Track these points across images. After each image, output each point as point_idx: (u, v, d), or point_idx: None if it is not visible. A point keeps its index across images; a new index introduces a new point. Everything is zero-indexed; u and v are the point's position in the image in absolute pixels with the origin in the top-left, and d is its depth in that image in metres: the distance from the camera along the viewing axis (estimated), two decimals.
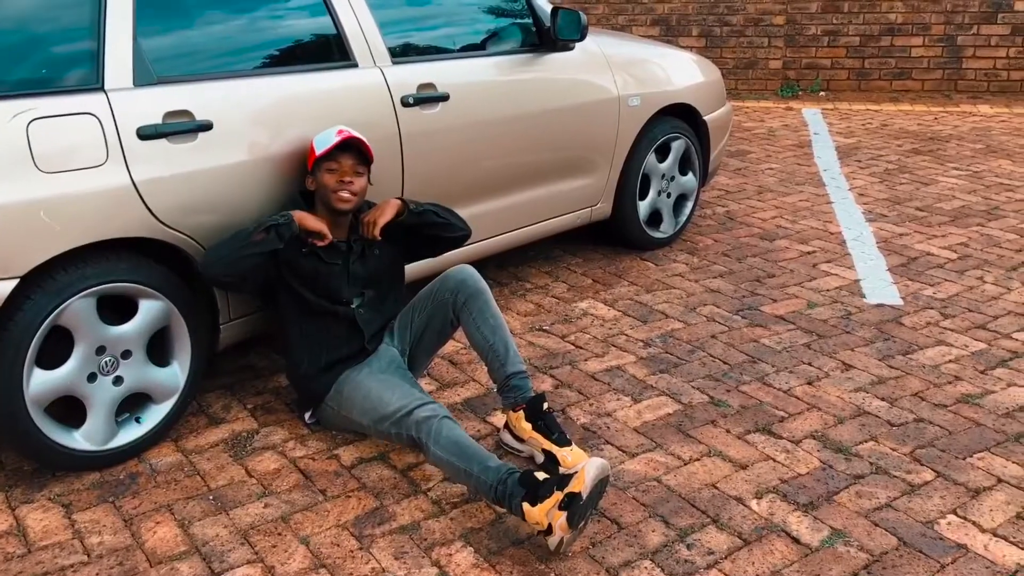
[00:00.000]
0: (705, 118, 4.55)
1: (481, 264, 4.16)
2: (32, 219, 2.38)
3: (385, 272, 2.90)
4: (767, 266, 4.32)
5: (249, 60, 2.88)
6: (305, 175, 2.82)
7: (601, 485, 2.26)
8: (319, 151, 2.73)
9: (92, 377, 2.61)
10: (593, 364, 3.34)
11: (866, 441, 2.84)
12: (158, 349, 2.78)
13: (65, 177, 2.45)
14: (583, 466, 2.25)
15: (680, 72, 4.40)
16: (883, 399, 3.09)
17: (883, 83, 8.72)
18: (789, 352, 3.44)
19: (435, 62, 3.35)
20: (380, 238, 2.74)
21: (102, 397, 2.64)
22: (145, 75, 2.63)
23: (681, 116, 4.46)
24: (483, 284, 2.75)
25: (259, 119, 2.83)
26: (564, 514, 2.20)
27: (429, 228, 2.85)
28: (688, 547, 2.36)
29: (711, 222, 4.98)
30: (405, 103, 3.19)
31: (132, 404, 2.77)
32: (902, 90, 8.70)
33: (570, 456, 2.63)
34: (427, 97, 3.26)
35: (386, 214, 2.74)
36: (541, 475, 2.31)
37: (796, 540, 2.39)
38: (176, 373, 2.80)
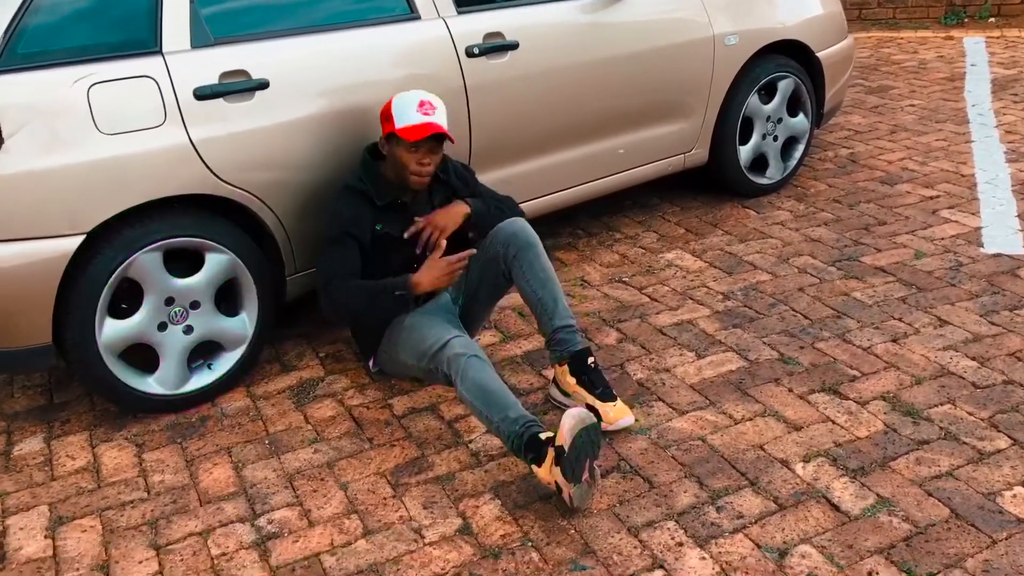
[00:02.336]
0: (818, 55, 4.27)
1: (574, 212, 4.13)
2: (95, 179, 2.54)
3: (454, 235, 2.89)
4: (880, 213, 4.05)
5: (306, 17, 2.93)
6: (379, 136, 2.76)
7: (586, 434, 2.21)
8: (398, 126, 2.63)
9: (163, 326, 2.78)
10: (664, 317, 3.25)
11: (941, 404, 2.64)
12: (228, 300, 2.93)
13: (125, 138, 2.59)
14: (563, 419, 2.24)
15: (788, 6, 4.13)
16: (973, 358, 2.85)
17: None
18: (880, 307, 3.22)
19: (504, 9, 3.29)
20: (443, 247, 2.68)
21: (173, 345, 2.81)
22: (202, 36, 2.72)
23: (791, 53, 4.21)
24: (534, 237, 2.72)
25: (316, 76, 2.88)
26: (559, 469, 2.19)
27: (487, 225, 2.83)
28: (718, 509, 2.29)
29: (830, 165, 4.70)
30: (470, 53, 3.16)
31: (205, 351, 2.94)
32: None
33: (612, 412, 2.59)
34: (494, 46, 3.21)
35: (451, 225, 2.74)
36: (545, 435, 2.29)
37: (836, 507, 2.26)
38: (244, 323, 2.94)
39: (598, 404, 2.61)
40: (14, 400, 3.03)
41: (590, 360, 2.65)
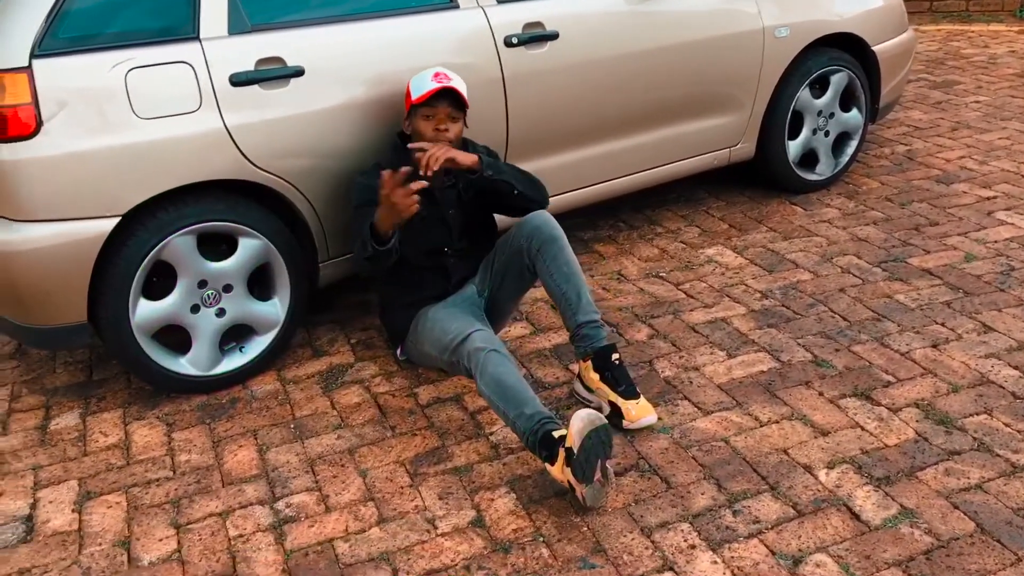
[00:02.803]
0: (874, 48, 4.15)
1: (615, 205, 4.09)
2: (130, 162, 2.59)
3: (479, 222, 2.90)
4: (933, 213, 3.93)
5: (344, 5, 2.94)
6: (403, 118, 2.84)
7: (596, 435, 2.18)
8: (414, 96, 2.72)
9: (195, 308, 2.82)
10: (698, 315, 3.20)
11: (977, 414, 2.56)
12: (262, 284, 2.96)
13: (161, 123, 2.63)
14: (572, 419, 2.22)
15: None
16: (1016, 367, 2.76)
17: None
18: (923, 310, 3.13)
19: None
20: (433, 171, 2.58)
21: (205, 327, 2.86)
22: (239, 23, 2.75)
23: (846, 46, 4.10)
24: (558, 231, 2.69)
25: (352, 64, 2.89)
26: (570, 469, 2.17)
27: (501, 194, 2.77)
28: (734, 513, 2.25)
29: (885, 162, 4.57)
30: (509, 43, 3.14)
31: (238, 335, 2.98)
32: None
33: (634, 410, 2.56)
34: (534, 36, 3.19)
35: (454, 155, 2.62)
36: (559, 433, 2.27)
37: (856, 516, 2.21)
38: (276, 307, 2.97)
39: (620, 401, 2.58)
40: (55, 375, 3.11)
41: (614, 356, 2.62)
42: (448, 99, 2.68)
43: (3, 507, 2.47)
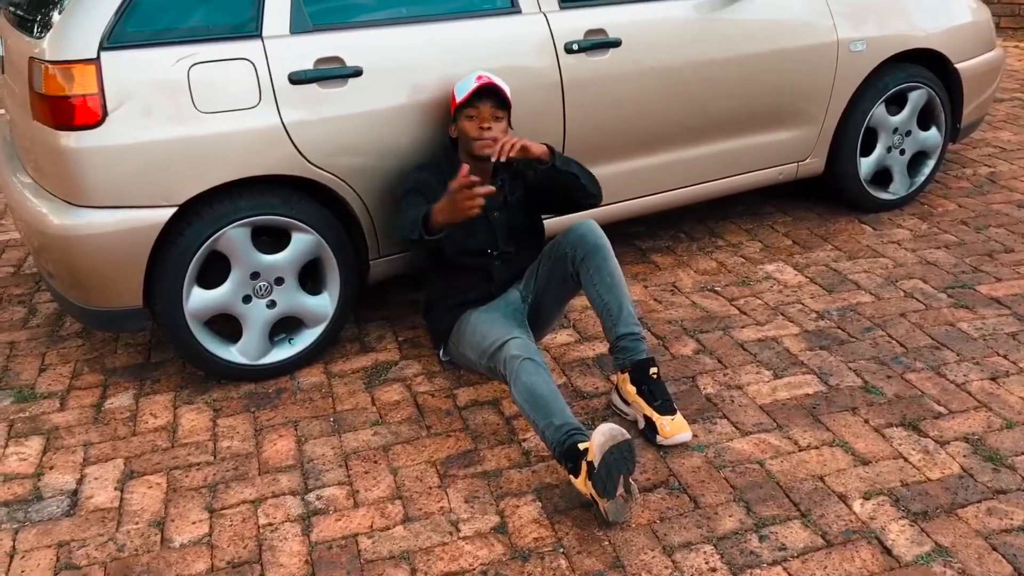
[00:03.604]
0: (957, 66, 4.01)
1: (678, 215, 4.05)
2: (189, 155, 2.67)
3: (525, 226, 2.90)
4: (1009, 239, 3.77)
5: (405, 8, 2.97)
6: (449, 123, 2.87)
7: (619, 451, 2.16)
8: (458, 98, 2.76)
9: (247, 299, 2.90)
10: (748, 332, 3.14)
11: None
12: (314, 278, 3.02)
13: (220, 117, 2.70)
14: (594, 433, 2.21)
15: (923, 13, 3.89)
16: None
17: None
18: (986, 341, 3.01)
19: (609, 6, 3.24)
20: (510, 157, 2.61)
21: (256, 317, 2.93)
22: (301, 23, 2.81)
23: (927, 62, 3.97)
24: (603, 240, 2.68)
25: (410, 67, 2.92)
26: (592, 483, 2.15)
27: (565, 187, 2.78)
28: (761, 539, 2.20)
29: (965, 184, 4.41)
30: (569, 50, 3.13)
31: (288, 326, 3.04)
32: None
33: (669, 426, 2.53)
34: (595, 43, 3.17)
35: (527, 144, 2.64)
36: (584, 445, 2.25)
37: (887, 551, 2.14)
38: (326, 302, 3.02)
39: (656, 416, 2.55)
40: (115, 356, 3.23)
41: (652, 370, 2.59)
42: (491, 98, 2.71)
43: (52, 480, 2.57)
